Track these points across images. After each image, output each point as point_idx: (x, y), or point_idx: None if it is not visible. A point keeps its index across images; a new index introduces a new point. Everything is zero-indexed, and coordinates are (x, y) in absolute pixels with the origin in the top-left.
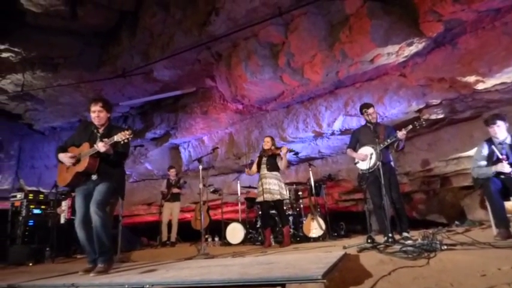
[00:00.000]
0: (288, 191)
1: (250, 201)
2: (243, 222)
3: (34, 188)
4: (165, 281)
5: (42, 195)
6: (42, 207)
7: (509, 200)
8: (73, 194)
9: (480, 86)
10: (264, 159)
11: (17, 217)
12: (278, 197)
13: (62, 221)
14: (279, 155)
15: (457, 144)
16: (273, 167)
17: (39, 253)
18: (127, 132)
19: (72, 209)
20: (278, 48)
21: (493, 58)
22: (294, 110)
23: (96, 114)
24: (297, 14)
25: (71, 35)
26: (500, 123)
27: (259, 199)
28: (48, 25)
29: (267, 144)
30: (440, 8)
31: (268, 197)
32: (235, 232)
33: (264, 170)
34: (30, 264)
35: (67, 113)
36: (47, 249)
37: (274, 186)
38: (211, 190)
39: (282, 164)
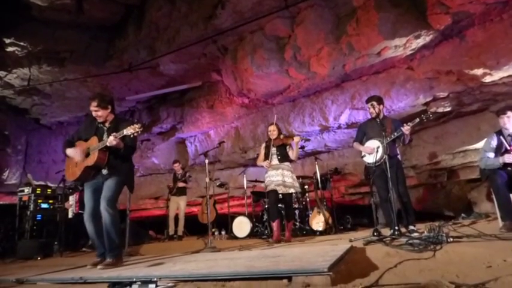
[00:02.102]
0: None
1: (257, 195)
2: (250, 216)
3: (42, 183)
4: (172, 274)
5: (49, 190)
6: (50, 201)
7: None
8: (80, 188)
9: (488, 79)
10: (274, 150)
11: (25, 212)
12: (292, 190)
13: (70, 215)
14: (290, 145)
15: (464, 137)
16: (284, 157)
17: (47, 247)
18: (136, 126)
19: (80, 203)
20: (284, 41)
21: (501, 51)
22: (300, 104)
23: (94, 113)
24: (304, 7)
25: (77, 29)
26: (510, 113)
27: (271, 187)
28: (54, 19)
29: (273, 133)
30: (448, 0)
31: (281, 189)
32: (241, 226)
33: (275, 161)
34: (39, 258)
35: (74, 107)
36: (55, 243)
37: (288, 179)
38: (217, 184)
39: (293, 154)
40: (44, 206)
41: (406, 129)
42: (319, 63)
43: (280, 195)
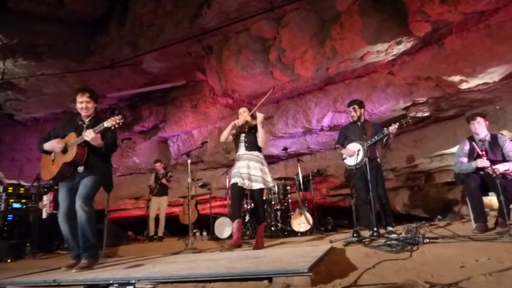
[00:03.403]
0: (276, 185)
1: None
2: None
3: (14, 182)
4: (151, 276)
5: (22, 189)
6: (23, 201)
7: (487, 195)
8: (56, 187)
9: (464, 86)
10: (242, 137)
11: None
12: (259, 185)
13: (44, 215)
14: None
15: (441, 142)
16: (252, 145)
17: (18, 249)
18: (117, 118)
19: (54, 203)
20: (269, 43)
21: (477, 59)
22: (284, 106)
23: (84, 105)
24: (289, 9)
25: (57, 22)
26: (479, 119)
27: (233, 180)
28: (32, 11)
29: (242, 115)
30: (428, 9)
31: (245, 183)
32: (223, 226)
33: (242, 150)
34: (9, 260)
35: (51, 103)
36: (28, 244)
37: (255, 172)
38: (200, 184)
39: (259, 137)
40: (16, 205)
41: (392, 128)
42: (304, 65)
43: (249, 191)
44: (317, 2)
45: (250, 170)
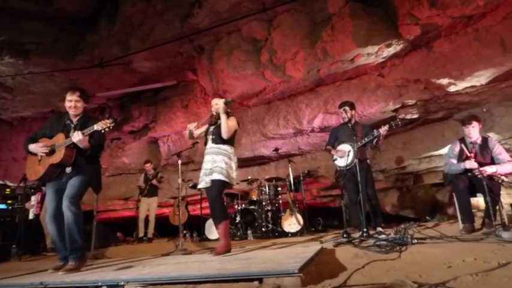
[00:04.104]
0: (267, 187)
1: (230, 197)
2: None
3: (0, 182)
4: (141, 278)
5: (8, 190)
6: (9, 202)
7: (475, 196)
8: (43, 188)
9: (452, 89)
10: (211, 129)
11: None
12: (219, 176)
13: (31, 216)
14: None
15: (430, 143)
16: (219, 138)
17: (4, 251)
18: (108, 121)
19: (41, 204)
20: (261, 44)
21: (465, 62)
22: (275, 107)
23: (73, 104)
24: (281, 11)
25: (45, 20)
26: (475, 124)
27: (199, 185)
28: (19, 9)
29: (215, 108)
30: (417, 12)
31: (207, 179)
32: (214, 227)
33: (209, 143)
34: None
35: (38, 102)
36: (13, 246)
37: (220, 164)
38: (190, 185)
39: (222, 126)
40: (2, 206)
41: (383, 130)
42: (295, 67)
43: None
44: (308, 3)
45: (214, 164)
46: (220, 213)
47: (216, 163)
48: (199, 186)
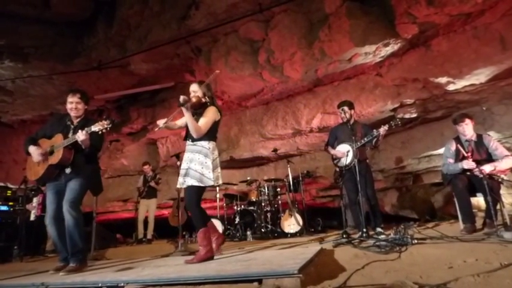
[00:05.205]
0: (266, 188)
1: (229, 198)
2: (221, 218)
3: (1, 184)
4: (140, 279)
5: (9, 191)
6: (10, 203)
7: (475, 196)
8: (43, 188)
9: (451, 87)
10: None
11: None
12: (192, 181)
13: (32, 218)
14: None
15: (429, 143)
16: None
17: (6, 252)
18: (105, 122)
19: (42, 205)
20: (258, 44)
21: (463, 60)
22: (273, 107)
23: (74, 105)
24: (278, 11)
25: (43, 24)
26: (468, 121)
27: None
28: (18, 13)
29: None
30: (415, 11)
31: (181, 181)
32: None
33: (188, 140)
34: None
35: (38, 105)
36: (15, 247)
37: (194, 165)
38: None
39: (189, 126)
40: (3, 208)
41: (382, 130)
42: (292, 67)
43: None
44: (305, 4)
45: (190, 164)
46: (196, 221)
47: (192, 162)
48: (177, 186)
